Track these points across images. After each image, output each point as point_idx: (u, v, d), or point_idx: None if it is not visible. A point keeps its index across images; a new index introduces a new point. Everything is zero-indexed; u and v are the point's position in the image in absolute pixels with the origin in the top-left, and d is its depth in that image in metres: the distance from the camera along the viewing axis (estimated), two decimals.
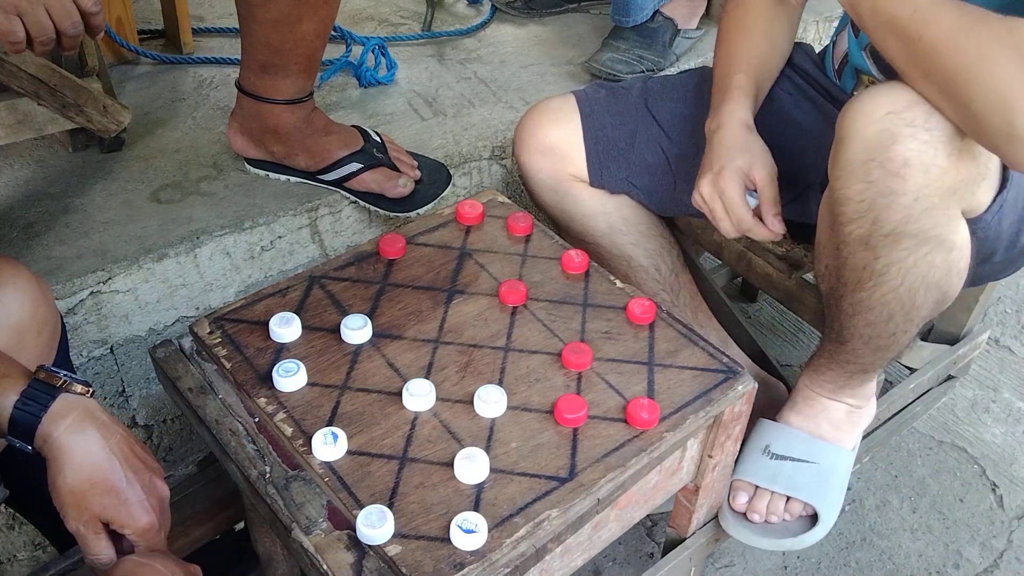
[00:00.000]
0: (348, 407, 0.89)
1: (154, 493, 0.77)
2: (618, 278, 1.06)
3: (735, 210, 1.05)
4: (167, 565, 0.75)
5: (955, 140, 0.88)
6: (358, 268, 1.05)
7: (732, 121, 1.08)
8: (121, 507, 0.75)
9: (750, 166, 1.05)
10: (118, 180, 1.38)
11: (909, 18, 0.84)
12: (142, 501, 0.76)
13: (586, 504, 0.84)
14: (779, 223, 1.06)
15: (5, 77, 1.23)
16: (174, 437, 1.37)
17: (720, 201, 1.05)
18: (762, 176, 1.05)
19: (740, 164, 1.04)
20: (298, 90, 1.30)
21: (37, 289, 0.90)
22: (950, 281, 0.98)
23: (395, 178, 1.34)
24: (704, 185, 1.06)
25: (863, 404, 1.17)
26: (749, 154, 1.05)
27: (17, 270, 0.89)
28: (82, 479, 0.74)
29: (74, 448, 0.73)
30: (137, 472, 0.76)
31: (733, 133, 1.07)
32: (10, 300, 0.87)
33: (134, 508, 0.75)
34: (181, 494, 1.07)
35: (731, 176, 1.04)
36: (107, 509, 0.74)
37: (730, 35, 1.18)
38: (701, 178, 1.07)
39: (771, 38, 1.18)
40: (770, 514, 1.13)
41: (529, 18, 1.95)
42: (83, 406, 0.75)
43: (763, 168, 1.05)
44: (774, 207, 1.05)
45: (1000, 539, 1.36)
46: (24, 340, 0.87)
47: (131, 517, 0.75)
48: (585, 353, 0.94)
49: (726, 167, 1.04)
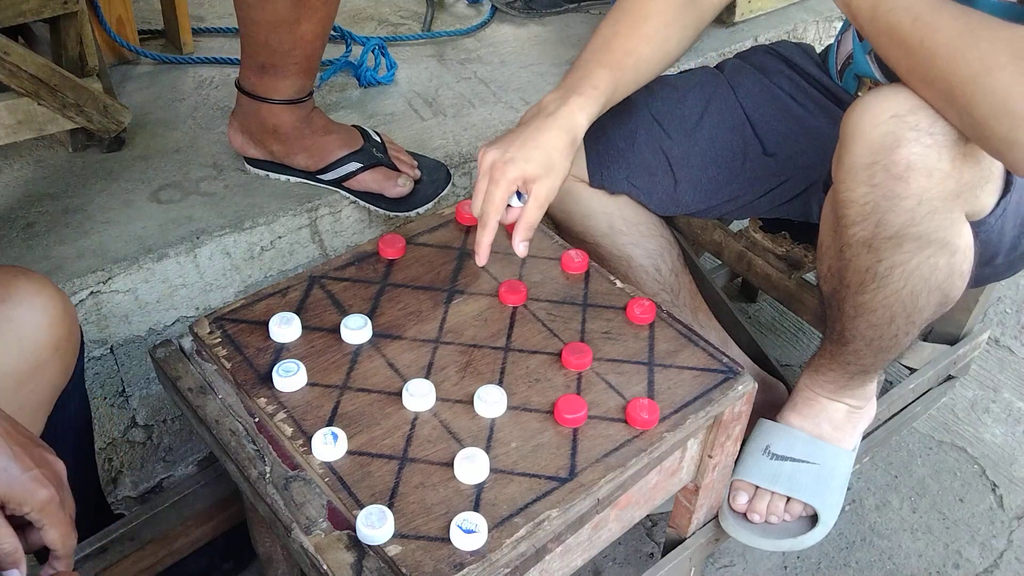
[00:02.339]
0: (348, 407, 0.89)
1: (47, 465, 0.71)
2: (618, 278, 1.06)
3: (489, 205, 0.97)
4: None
5: (959, 144, 0.88)
6: (358, 268, 1.05)
7: (566, 122, 0.98)
8: (13, 483, 0.68)
9: (535, 178, 0.96)
10: (118, 180, 1.38)
11: (910, 25, 0.84)
12: (35, 473, 0.69)
13: (586, 504, 0.84)
14: (524, 248, 0.99)
15: (5, 77, 1.23)
16: (174, 437, 1.37)
17: (486, 182, 0.97)
18: (538, 196, 0.97)
19: (529, 171, 0.95)
20: (297, 90, 1.30)
21: (59, 307, 0.86)
22: (953, 284, 0.98)
23: (394, 178, 1.35)
24: (490, 155, 0.97)
25: (863, 404, 1.17)
26: (546, 169, 0.97)
27: (39, 287, 0.85)
28: None
29: None
30: (24, 447, 0.70)
31: (553, 137, 0.97)
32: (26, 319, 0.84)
33: (27, 482, 0.69)
34: (181, 494, 1.07)
35: (512, 176, 0.95)
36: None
37: (622, 15, 1.06)
38: (494, 146, 0.97)
39: (660, 40, 1.06)
40: (770, 514, 1.13)
41: (529, 18, 1.95)
42: None
43: (545, 189, 0.97)
44: (527, 232, 0.98)
45: (1000, 539, 1.36)
46: (39, 360, 0.84)
47: (26, 491, 0.69)
48: (585, 353, 0.94)
49: (516, 164, 0.95)
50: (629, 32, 1.05)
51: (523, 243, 0.99)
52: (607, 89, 1.01)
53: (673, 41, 1.07)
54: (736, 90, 1.24)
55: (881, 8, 0.86)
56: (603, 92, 1.01)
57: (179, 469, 1.40)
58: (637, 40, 1.05)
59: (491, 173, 0.96)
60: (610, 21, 1.07)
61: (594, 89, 1.00)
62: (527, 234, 0.99)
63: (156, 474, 1.38)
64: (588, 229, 1.23)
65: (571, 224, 1.26)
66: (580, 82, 1.00)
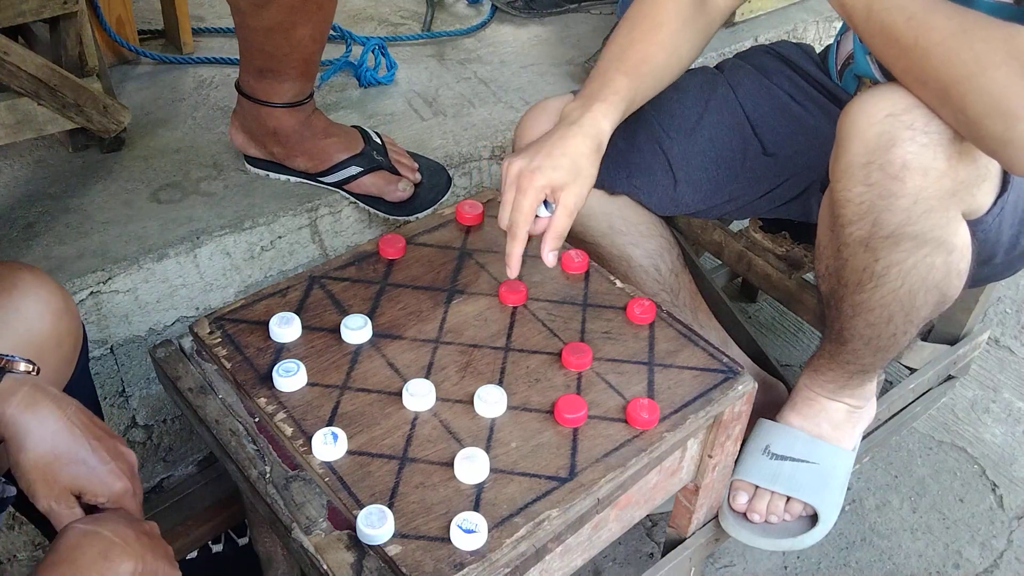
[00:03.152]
0: (348, 407, 0.89)
1: (122, 458, 0.75)
2: (618, 278, 1.06)
3: (518, 215, 0.96)
4: (116, 529, 0.70)
5: (955, 143, 0.88)
6: (358, 268, 1.05)
7: (590, 130, 0.98)
8: (92, 475, 0.72)
9: (563, 186, 0.95)
10: (118, 180, 1.38)
11: (904, 25, 0.85)
12: (111, 467, 0.73)
13: (586, 504, 0.84)
14: (553, 258, 0.98)
15: (5, 77, 1.23)
16: (174, 437, 1.37)
17: (513, 192, 0.96)
18: (567, 204, 0.96)
19: (556, 179, 0.95)
20: (297, 93, 1.29)
21: (61, 301, 0.87)
22: (950, 283, 0.98)
23: (395, 182, 1.34)
24: (515, 165, 0.96)
25: (863, 404, 1.17)
26: (573, 175, 0.96)
27: (41, 281, 0.87)
28: (45, 452, 0.71)
29: (30, 423, 0.71)
30: (100, 439, 0.73)
31: (579, 144, 0.97)
32: (30, 311, 0.84)
33: (105, 475, 0.72)
34: (181, 494, 1.07)
35: (540, 184, 0.95)
36: (78, 479, 0.72)
37: (635, 24, 1.07)
38: (519, 156, 0.97)
39: (674, 47, 1.07)
40: (770, 514, 1.13)
41: (529, 18, 1.95)
42: (30, 382, 0.73)
43: (573, 197, 0.96)
44: (557, 241, 0.97)
45: (1000, 539, 1.36)
46: (42, 353, 0.84)
47: (104, 484, 0.72)
48: (585, 353, 0.94)
49: (543, 172, 0.95)
50: (644, 40, 1.05)
51: (552, 253, 0.98)
52: (627, 95, 1.02)
53: (686, 48, 1.08)
54: (736, 90, 1.24)
55: (875, 8, 0.86)
56: (624, 98, 1.01)
57: (179, 469, 1.40)
58: (652, 47, 1.05)
59: (518, 182, 0.95)
60: (624, 30, 1.07)
61: (615, 95, 1.00)
62: (556, 243, 0.97)
63: (156, 474, 1.38)
64: (588, 229, 1.23)
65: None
66: (601, 90, 1.01)
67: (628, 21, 1.08)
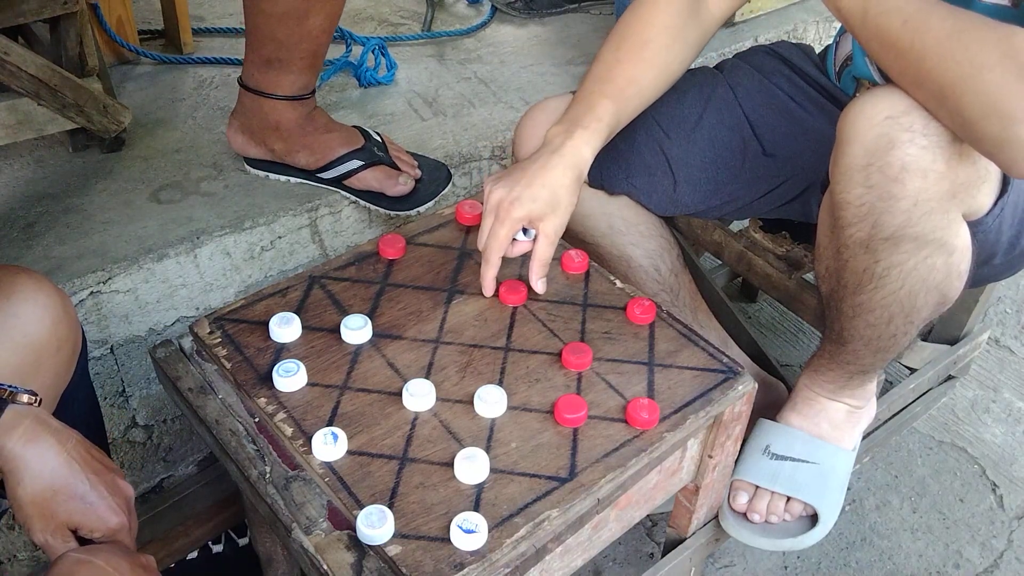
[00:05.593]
0: (348, 407, 0.89)
1: (119, 493, 0.76)
2: (618, 278, 1.06)
3: (494, 242, 0.98)
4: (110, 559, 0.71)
5: (954, 144, 0.88)
6: (358, 268, 1.05)
7: (571, 159, 0.98)
8: (88, 511, 0.73)
9: (542, 217, 0.97)
10: (118, 180, 1.38)
11: (900, 27, 0.85)
12: (108, 502, 0.74)
13: (586, 504, 0.84)
14: (543, 285, 1.01)
15: (5, 77, 1.23)
16: (174, 437, 1.37)
17: (492, 219, 0.98)
18: (547, 233, 0.98)
19: (535, 211, 0.96)
20: (301, 86, 1.30)
21: (59, 305, 0.87)
22: (950, 284, 0.98)
23: (395, 176, 1.35)
24: (496, 193, 0.98)
25: (863, 404, 1.17)
26: (552, 207, 0.97)
27: (39, 285, 0.87)
28: (43, 487, 0.72)
29: (30, 457, 0.72)
30: (99, 474, 0.75)
31: (559, 175, 0.98)
32: (28, 316, 0.84)
33: (102, 510, 0.74)
34: (181, 494, 1.07)
35: (518, 216, 0.96)
36: (74, 515, 0.73)
37: (622, 40, 1.06)
38: (500, 183, 0.98)
39: (663, 64, 1.06)
40: (770, 514, 1.13)
41: (529, 18, 1.95)
42: (33, 414, 0.73)
43: (552, 227, 0.98)
44: (543, 269, 1.00)
45: (1000, 539, 1.36)
46: (41, 358, 0.85)
47: (100, 520, 0.74)
48: (585, 353, 0.94)
49: (522, 203, 0.96)
50: (630, 60, 1.04)
51: (540, 280, 1.01)
52: (611, 121, 1.02)
53: (676, 63, 1.08)
54: (735, 90, 1.24)
55: (871, 11, 0.86)
56: (607, 124, 1.02)
57: (179, 469, 1.40)
58: (639, 67, 1.05)
59: (497, 211, 0.98)
60: (611, 47, 1.06)
61: (598, 122, 1.01)
62: (543, 271, 1.01)
63: (156, 474, 1.38)
64: (588, 229, 1.23)
65: (571, 224, 1.25)
66: (584, 115, 1.01)
67: (616, 37, 1.07)
